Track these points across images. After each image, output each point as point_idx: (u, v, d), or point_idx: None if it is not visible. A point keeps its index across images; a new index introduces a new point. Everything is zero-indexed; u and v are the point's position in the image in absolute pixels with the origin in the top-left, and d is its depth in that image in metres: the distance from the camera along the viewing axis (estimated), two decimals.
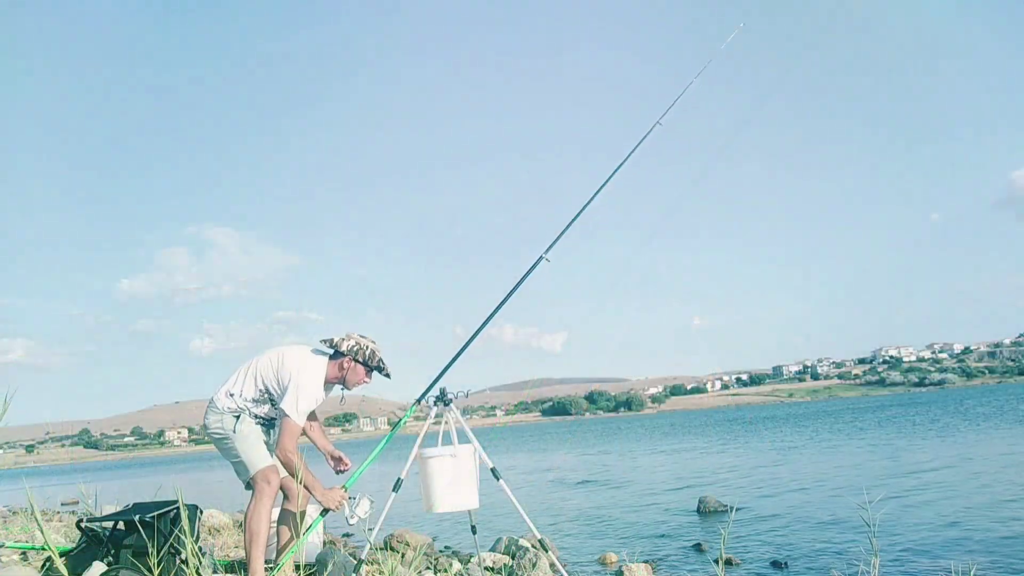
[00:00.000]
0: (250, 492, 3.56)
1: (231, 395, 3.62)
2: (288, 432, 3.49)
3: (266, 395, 3.63)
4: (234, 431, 3.57)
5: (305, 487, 3.54)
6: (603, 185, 4.61)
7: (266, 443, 3.66)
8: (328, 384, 3.73)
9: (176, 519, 3.60)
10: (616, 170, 4.65)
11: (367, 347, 3.73)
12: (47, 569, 3.81)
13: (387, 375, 3.84)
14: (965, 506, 9.19)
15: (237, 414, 3.59)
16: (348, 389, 3.77)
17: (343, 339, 3.71)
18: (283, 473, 3.58)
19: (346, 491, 3.74)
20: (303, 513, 3.52)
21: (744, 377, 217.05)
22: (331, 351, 3.74)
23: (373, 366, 3.77)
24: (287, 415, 3.50)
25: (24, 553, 4.49)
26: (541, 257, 4.33)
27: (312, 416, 3.83)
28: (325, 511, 3.81)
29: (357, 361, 3.70)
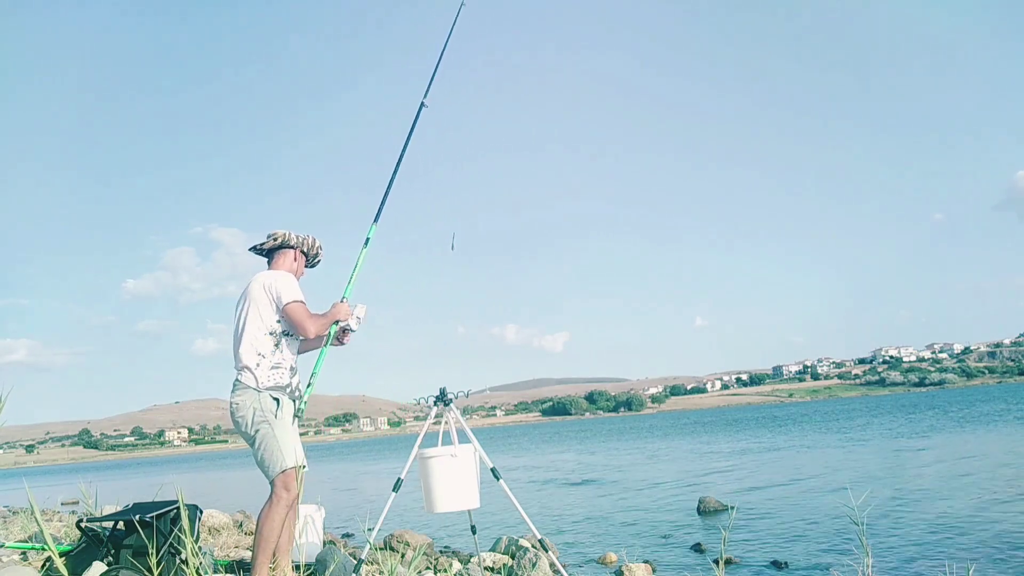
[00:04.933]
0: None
1: (258, 365, 3.36)
2: (298, 313, 3.39)
3: (279, 329, 3.45)
4: (276, 416, 3.32)
5: (330, 321, 3.53)
6: (455, 21, 4.69)
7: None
8: None
9: (176, 519, 3.58)
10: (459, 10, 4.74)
11: (311, 239, 3.68)
12: (47, 569, 3.80)
13: (313, 266, 3.80)
14: (964, 506, 9.18)
15: (277, 396, 3.36)
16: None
17: (288, 233, 3.61)
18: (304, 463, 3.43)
19: (346, 301, 3.70)
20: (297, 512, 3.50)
21: (744, 377, 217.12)
22: (272, 247, 3.63)
23: (312, 257, 3.75)
24: (287, 303, 3.39)
25: (24, 553, 4.48)
26: (421, 104, 4.37)
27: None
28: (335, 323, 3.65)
29: (303, 253, 3.69)
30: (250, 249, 3.74)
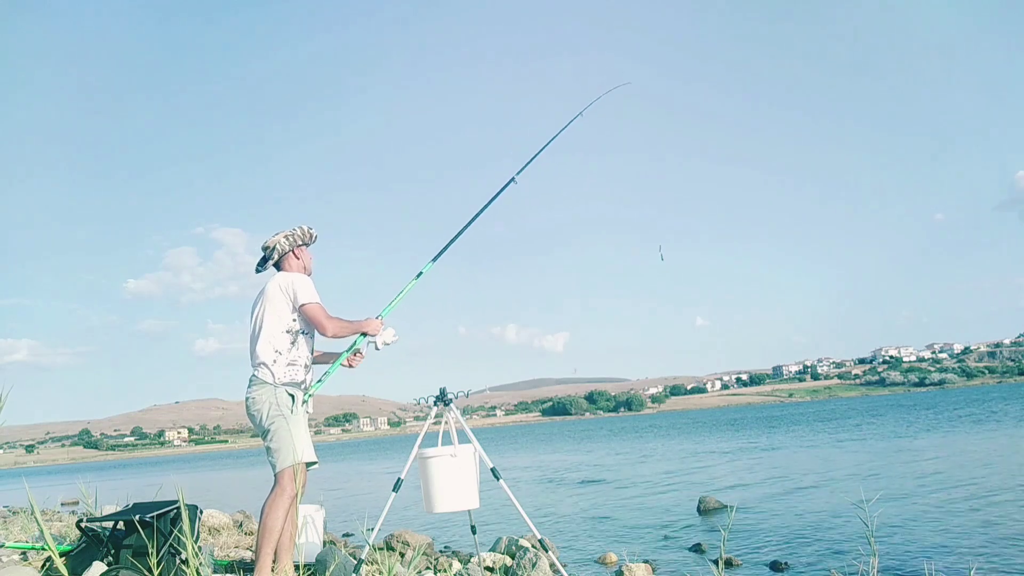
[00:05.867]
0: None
1: (275, 361, 3.49)
2: (317, 313, 3.52)
3: (295, 327, 3.56)
4: (292, 411, 3.45)
5: (355, 329, 3.66)
6: (573, 119, 4.75)
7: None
8: None
9: (176, 519, 3.59)
10: (579, 115, 4.79)
11: (299, 229, 3.80)
12: (47, 569, 3.80)
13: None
14: (965, 506, 9.18)
15: (293, 392, 3.50)
16: (309, 274, 3.84)
17: (277, 240, 3.72)
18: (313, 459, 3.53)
19: (381, 320, 3.83)
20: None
21: (744, 377, 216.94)
22: (280, 254, 3.75)
23: (311, 240, 3.87)
24: (304, 304, 3.53)
25: (24, 553, 4.49)
26: (512, 179, 4.38)
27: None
28: (363, 335, 3.78)
29: (304, 246, 3.82)
30: (258, 272, 3.84)
